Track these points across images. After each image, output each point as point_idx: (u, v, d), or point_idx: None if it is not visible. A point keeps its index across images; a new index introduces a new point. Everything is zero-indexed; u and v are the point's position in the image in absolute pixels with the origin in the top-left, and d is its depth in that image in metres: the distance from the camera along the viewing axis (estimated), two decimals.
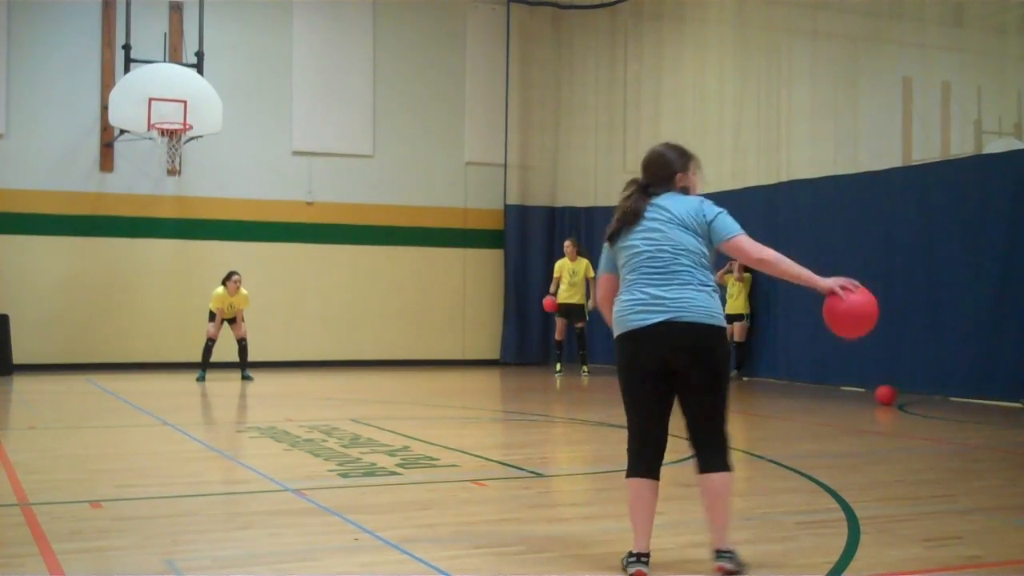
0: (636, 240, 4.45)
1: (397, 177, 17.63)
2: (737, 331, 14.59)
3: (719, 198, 16.43)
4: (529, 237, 17.97)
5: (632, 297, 4.44)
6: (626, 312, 4.46)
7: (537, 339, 16.99)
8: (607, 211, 19.33)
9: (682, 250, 4.39)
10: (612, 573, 4.27)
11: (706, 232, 4.47)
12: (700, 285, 4.37)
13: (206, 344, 14.06)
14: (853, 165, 13.52)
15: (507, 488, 6.26)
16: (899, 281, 12.52)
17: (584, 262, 15.53)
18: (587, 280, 15.40)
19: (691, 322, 4.30)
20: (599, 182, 17.98)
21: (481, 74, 18.16)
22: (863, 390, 12.80)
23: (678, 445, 8.01)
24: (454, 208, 17.95)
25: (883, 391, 11.24)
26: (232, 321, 14.18)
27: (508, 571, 4.29)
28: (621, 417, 4.42)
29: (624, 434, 4.49)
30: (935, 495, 6.06)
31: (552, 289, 15.61)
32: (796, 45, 14.68)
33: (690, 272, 4.38)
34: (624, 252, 4.49)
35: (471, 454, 7.41)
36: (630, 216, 4.49)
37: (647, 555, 4.33)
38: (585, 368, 15.77)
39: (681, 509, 5.74)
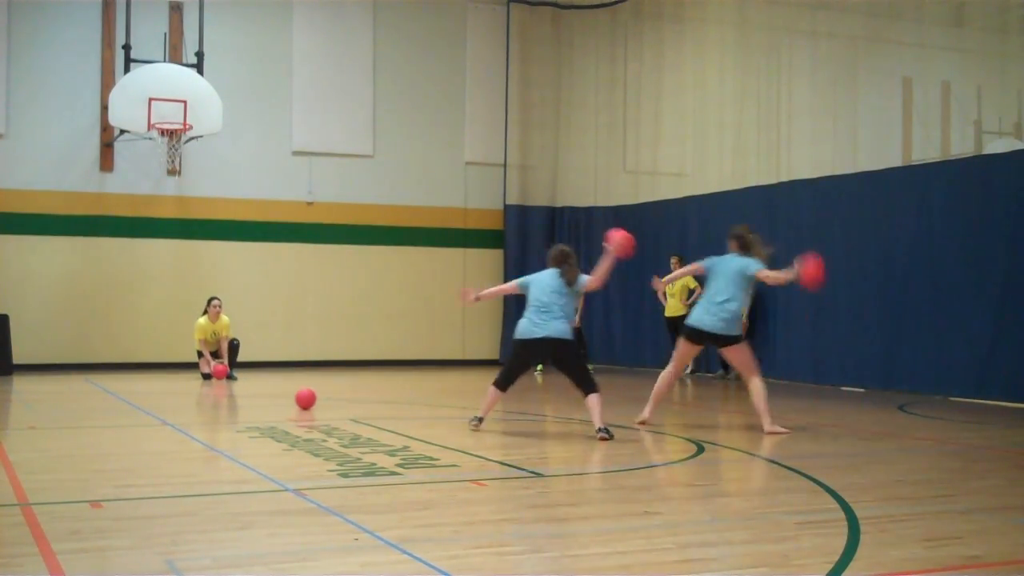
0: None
1: (397, 177, 17.63)
2: None
3: (719, 198, 16.44)
4: (529, 237, 17.96)
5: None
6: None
7: None
8: (607, 211, 19.45)
9: None
10: (612, 573, 4.27)
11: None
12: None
13: (203, 374, 14.06)
14: (853, 165, 13.52)
15: (507, 488, 6.26)
16: (899, 281, 12.53)
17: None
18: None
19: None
20: (599, 182, 17.98)
21: (481, 74, 18.16)
22: (863, 390, 12.80)
23: (682, 445, 8.02)
24: (454, 208, 17.95)
25: (302, 395, 10.26)
26: (216, 355, 14.06)
27: (508, 571, 4.29)
28: (621, 417, 4.42)
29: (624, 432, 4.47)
30: (935, 495, 6.06)
31: None
32: (796, 45, 14.69)
33: None
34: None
35: (471, 454, 7.40)
36: None
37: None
38: (588, 367, 15.82)
39: (682, 509, 5.74)
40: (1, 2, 15.50)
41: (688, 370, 15.16)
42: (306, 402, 10.24)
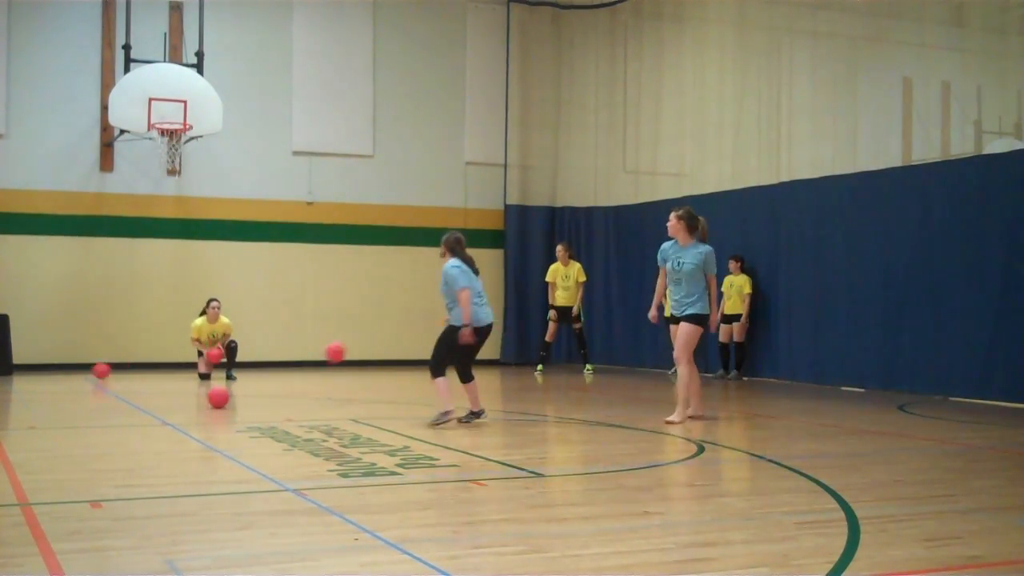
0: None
1: (397, 177, 17.63)
2: (736, 331, 14.57)
3: (719, 198, 16.40)
4: (529, 237, 17.96)
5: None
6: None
7: (538, 339, 16.99)
8: (607, 211, 19.40)
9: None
10: (612, 573, 4.27)
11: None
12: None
13: (200, 375, 14.03)
14: (853, 165, 13.51)
15: (507, 488, 6.26)
16: (899, 281, 12.52)
17: (576, 266, 15.81)
18: (578, 284, 15.71)
19: None
20: (599, 182, 17.97)
21: (481, 74, 18.15)
22: (863, 390, 12.80)
23: (682, 445, 8.02)
24: (454, 208, 17.94)
25: (214, 393, 10.64)
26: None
27: (508, 571, 4.29)
28: (621, 417, 4.43)
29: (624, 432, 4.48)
30: (935, 495, 6.06)
31: (550, 297, 15.81)
32: (796, 45, 14.68)
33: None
34: None
35: (471, 454, 7.41)
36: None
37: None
38: (589, 367, 15.90)
39: (682, 509, 5.74)
40: (1, 2, 15.50)
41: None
42: (218, 400, 10.42)
